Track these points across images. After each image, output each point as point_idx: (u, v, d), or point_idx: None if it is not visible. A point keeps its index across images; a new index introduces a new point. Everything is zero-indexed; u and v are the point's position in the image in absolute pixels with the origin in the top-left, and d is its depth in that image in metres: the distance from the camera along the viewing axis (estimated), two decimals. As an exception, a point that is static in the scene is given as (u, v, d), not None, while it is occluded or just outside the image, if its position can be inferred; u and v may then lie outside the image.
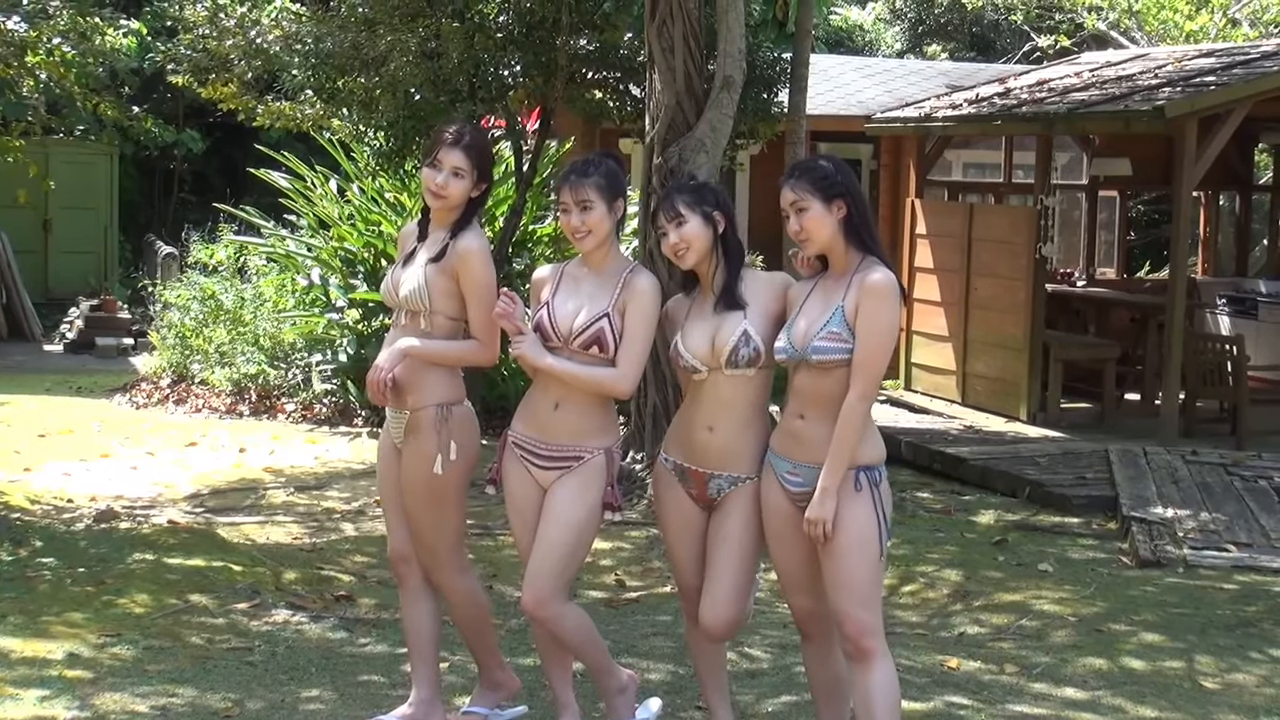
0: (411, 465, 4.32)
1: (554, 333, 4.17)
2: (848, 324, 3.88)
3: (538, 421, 4.22)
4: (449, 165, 4.29)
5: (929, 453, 10.15)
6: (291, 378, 11.95)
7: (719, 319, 4.11)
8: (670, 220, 4.15)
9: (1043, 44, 21.40)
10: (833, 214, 3.95)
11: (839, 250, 3.98)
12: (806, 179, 3.98)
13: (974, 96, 12.43)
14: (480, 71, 9.40)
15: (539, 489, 4.22)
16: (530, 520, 4.23)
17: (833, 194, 3.95)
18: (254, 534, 7.65)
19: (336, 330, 11.78)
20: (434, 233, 4.39)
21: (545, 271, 4.32)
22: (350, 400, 11.46)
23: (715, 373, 4.09)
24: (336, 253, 12.09)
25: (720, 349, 4.06)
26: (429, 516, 4.36)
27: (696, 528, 4.20)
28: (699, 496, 4.17)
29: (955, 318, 11.92)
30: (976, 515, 8.69)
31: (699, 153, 7.97)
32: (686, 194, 4.20)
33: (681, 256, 4.14)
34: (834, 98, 13.99)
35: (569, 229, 4.20)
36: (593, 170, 4.21)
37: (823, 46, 21.62)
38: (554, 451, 4.20)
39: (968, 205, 12.45)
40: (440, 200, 4.31)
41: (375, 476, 9.60)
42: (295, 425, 11.28)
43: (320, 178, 12.66)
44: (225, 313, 12.67)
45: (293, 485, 9.04)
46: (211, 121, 19.14)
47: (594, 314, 4.16)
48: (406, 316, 4.34)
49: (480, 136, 4.41)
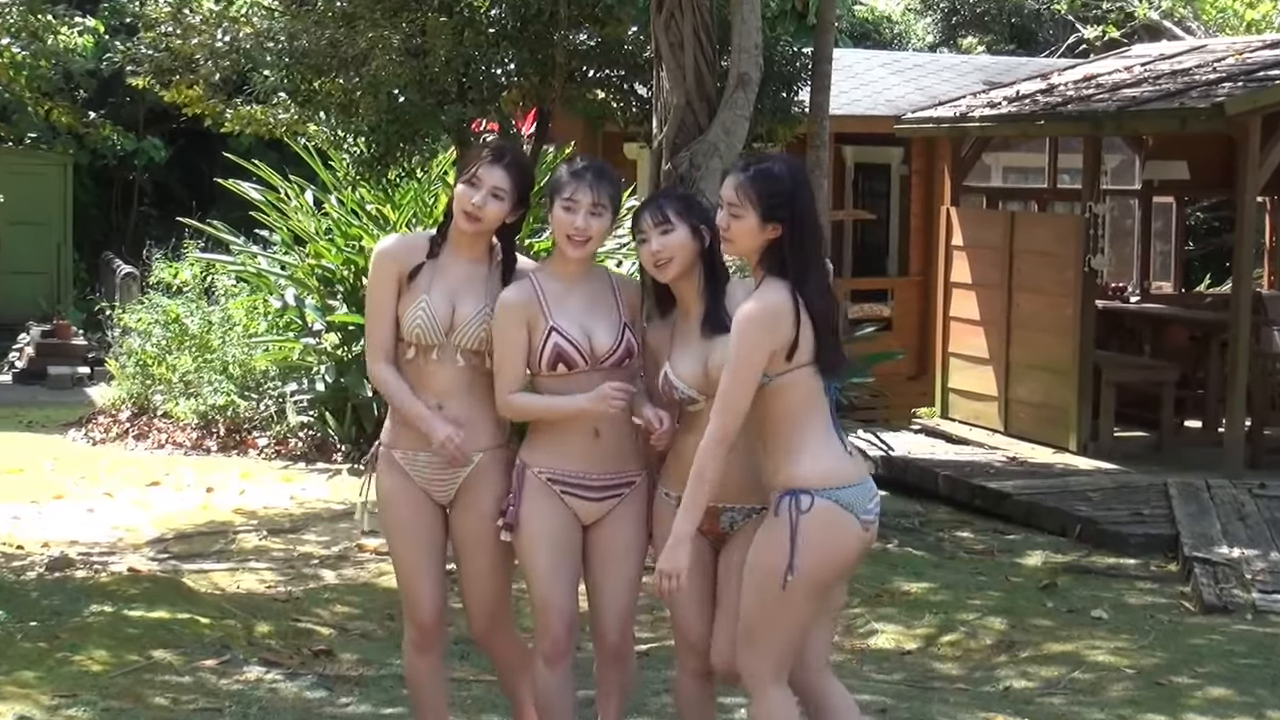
0: (478, 517, 4.36)
1: (582, 357, 4.24)
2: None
3: (578, 453, 4.29)
4: (488, 184, 4.29)
5: (969, 487, 10.12)
6: (264, 410, 11.96)
7: (708, 344, 4.16)
8: (655, 225, 4.19)
9: (1089, 35, 21.43)
10: (765, 233, 4.01)
11: (753, 265, 4.08)
12: (754, 187, 4.01)
13: (1014, 94, 12.44)
14: (470, 70, 9.42)
15: (578, 524, 4.32)
16: (572, 558, 4.31)
17: (773, 216, 4.00)
18: (223, 582, 7.63)
19: (313, 357, 11.79)
20: (454, 256, 4.37)
21: (521, 295, 4.30)
22: (329, 434, 11.47)
23: (713, 401, 4.12)
24: (313, 271, 12.10)
25: (716, 374, 4.09)
26: (497, 576, 4.43)
27: (704, 565, 4.24)
28: (709, 531, 4.22)
29: (996, 338, 11.91)
30: (1022, 556, 8.67)
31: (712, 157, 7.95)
32: (677, 201, 4.27)
33: (661, 267, 4.19)
34: (860, 96, 14.00)
35: (570, 229, 4.23)
36: (607, 176, 4.28)
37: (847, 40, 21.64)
38: (606, 480, 4.31)
39: (1008, 214, 12.45)
40: (474, 223, 4.31)
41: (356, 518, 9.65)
42: (268, 462, 11.28)
43: (295, 189, 12.68)
44: (191, 338, 12.68)
45: (266, 528, 9.02)
46: (175, 128, 19.19)
47: (613, 326, 4.27)
48: (464, 356, 4.33)
49: (523, 156, 4.46)
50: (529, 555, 4.32)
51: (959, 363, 12.39)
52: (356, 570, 7.94)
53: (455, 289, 4.35)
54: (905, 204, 14.08)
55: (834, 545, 3.97)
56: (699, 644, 4.28)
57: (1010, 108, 11.94)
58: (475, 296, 4.34)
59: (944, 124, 12.38)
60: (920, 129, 12.68)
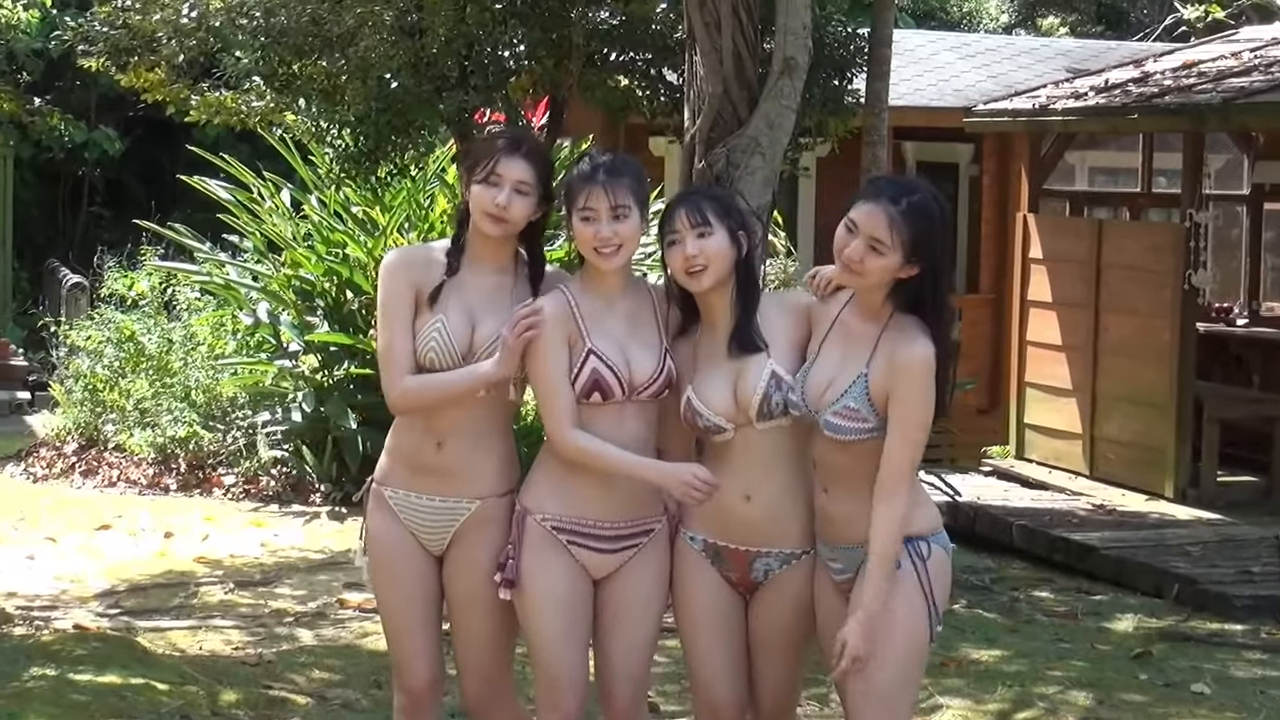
0: (473, 574, 4.37)
1: (621, 385, 4.24)
2: (870, 401, 4.08)
3: (589, 496, 4.29)
4: (511, 179, 4.30)
5: (1048, 539, 10.09)
6: (231, 443, 11.98)
7: (737, 364, 4.22)
8: (692, 227, 4.20)
9: (1190, 16, 21.40)
10: (900, 271, 4.10)
11: (869, 295, 4.16)
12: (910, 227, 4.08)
13: (1102, 83, 12.43)
14: (473, 52, 9.45)
15: (588, 580, 4.31)
16: (583, 620, 4.31)
17: (917, 258, 4.09)
18: (183, 643, 7.62)
19: (289, 382, 11.82)
20: (474, 268, 4.38)
21: (559, 307, 4.29)
22: (306, 471, 11.49)
23: (744, 429, 4.21)
24: (289, 283, 12.14)
25: (746, 400, 4.17)
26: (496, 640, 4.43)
27: (733, 620, 4.31)
28: (740, 581, 4.28)
29: (1081, 366, 11.89)
30: (1111, 620, 8.63)
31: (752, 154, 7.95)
32: (715, 201, 4.30)
33: (696, 275, 4.21)
34: (924, 85, 14.01)
35: (594, 241, 4.23)
36: (624, 169, 4.28)
37: (909, 20, 21.68)
38: (622, 529, 4.31)
39: (1095, 222, 12.42)
40: (500, 225, 4.31)
41: (336, 568, 9.76)
42: (236, 503, 11.30)
43: (269, 187, 12.73)
44: (148, 359, 12.71)
45: (233, 580, 9.03)
46: (132, 116, 19.25)
47: (653, 349, 4.28)
48: (484, 384, 4.33)
49: (537, 140, 4.49)
50: (533, 618, 4.31)
51: (1037, 394, 12.36)
52: (337, 630, 7.94)
53: (475, 305, 4.35)
54: (975, 210, 14.06)
55: (948, 585, 4.18)
56: (722, 710, 4.32)
57: (1098, 99, 11.93)
58: (499, 312, 4.32)
59: (1020, 117, 12.37)
60: (993, 123, 12.66)
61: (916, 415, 4.07)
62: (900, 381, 4.05)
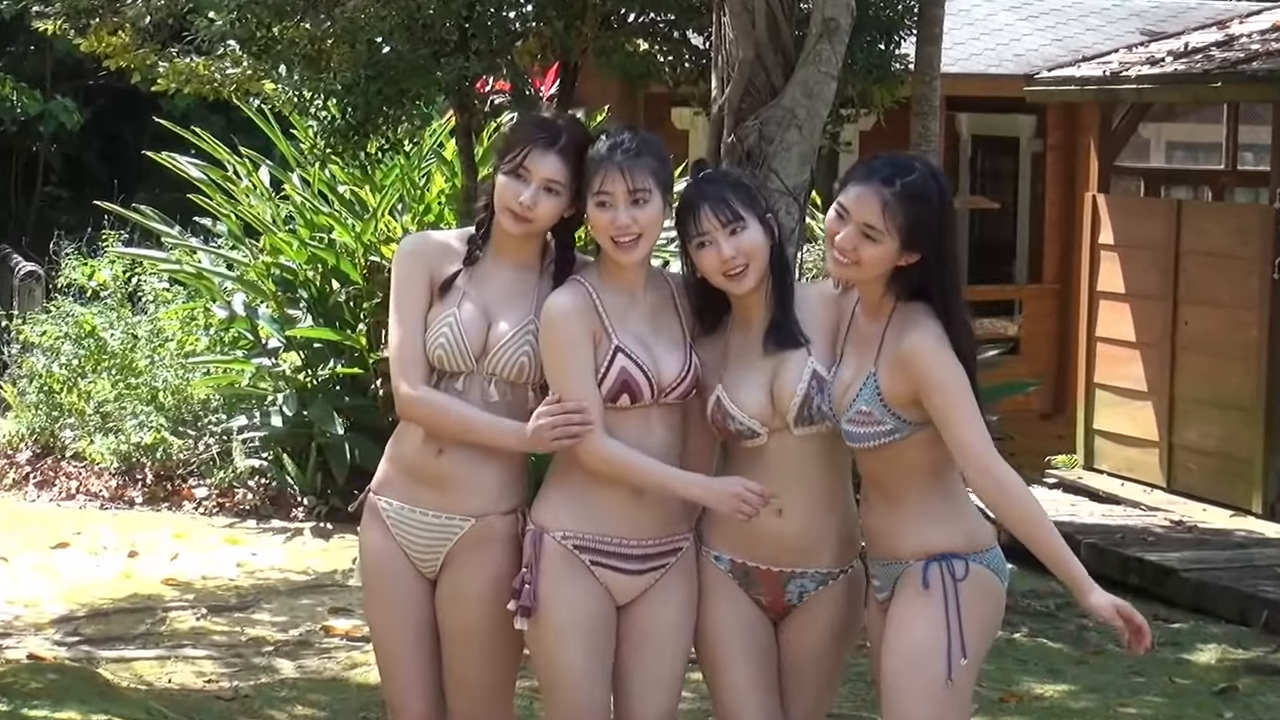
0: (467, 603, 4.37)
1: (651, 387, 4.25)
2: (883, 402, 4.11)
3: (616, 511, 4.29)
4: (540, 177, 4.30)
5: (1120, 560, 10.07)
6: (203, 450, 11.98)
7: (774, 361, 4.25)
8: (723, 225, 4.21)
9: (1280, -29, 21.35)
10: (897, 259, 4.12)
11: (870, 286, 4.19)
12: (904, 212, 4.08)
13: (1181, 47, 12.40)
14: (475, 13, 9.44)
15: (612, 604, 4.31)
16: (607, 652, 4.30)
17: (916, 245, 4.11)
18: (150, 674, 7.63)
19: (268, 382, 11.83)
20: (496, 261, 4.41)
21: (579, 299, 4.30)
22: (287, 483, 11.50)
23: (779, 434, 4.24)
24: (268, 271, 12.14)
25: (784, 402, 4.20)
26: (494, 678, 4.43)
27: (764, 647, 4.34)
28: (772, 605, 4.32)
29: (1157, 366, 11.88)
30: (1191, 651, 8.62)
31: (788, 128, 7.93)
32: (739, 189, 4.31)
33: (737, 276, 4.23)
34: (980, 49, 14.00)
35: (612, 229, 4.24)
36: (644, 149, 4.27)
37: (963, -24, 21.63)
38: (650, 548, 4.31)
39: (1173, 203, 12.39)
40: (522, 225, 4.33)
41: (321, 591, 9.75)
42: (208, 518, 11.30)
43: (246, 165, 12.72)
44: (110, 357, 12.73)
45: (205, 604, 9.03)
46: (93, 85, 19.28)
47: (678, 347, 4.29)
48: (498, 388, 4.35)
49: (581, 132, 4.42)
50: (552, 650, 4.29)
51: (1108, 397, 12.34)
52: (322, 660, 7.94)
53: (493, 300, 4.37)
54: (1038, 190, 14.05)
55: (992, 619, 4.19)
56: None
57: (1176, 65, 11.90)
58: (518, 310, 4.35)
59: (1089, 86, 12.34)
60: (1058, 92, 12.64)
61: (952, 385, 4.07)
62: (913, 368, 4.07)
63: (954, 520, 4.16)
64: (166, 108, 15.33)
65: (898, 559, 4.18)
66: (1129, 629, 4.07)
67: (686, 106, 11.29)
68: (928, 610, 4.09)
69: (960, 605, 4.08)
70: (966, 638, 4.08)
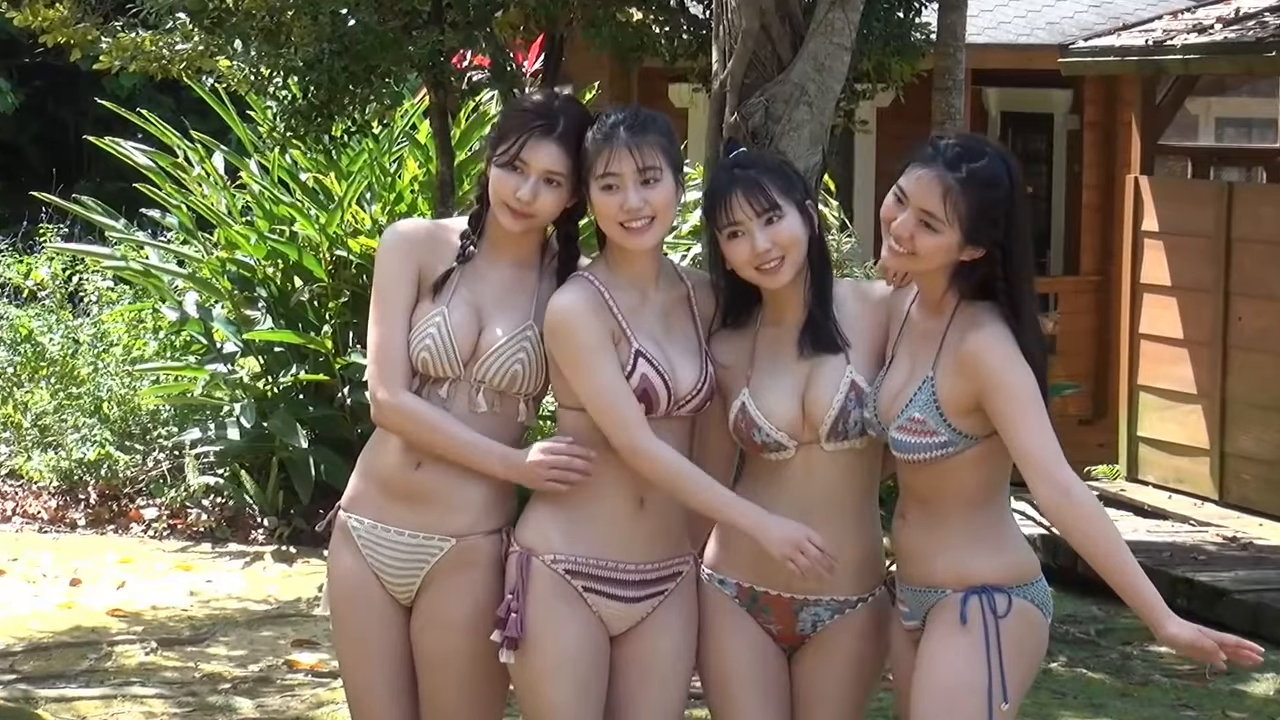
0: (445, 632, 4.35)
1: (669, 397, 4.25)
2: (939, 410, 4.09)
3: (613, 533, 4.30)
4: (539, 168, 4.30)
5: (1169, 580, 10.04)
6: (153, 467, 11.97)
7: (808, 365, 4.25)
8: (758, 214, 4.20)
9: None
10: (961, 253, 4.12)
11: (935, 275, 4.17)
12: (969, 200, 4.07)
13: (1232, 13, 12.39)
14: (450, -19, 9.45)
15: (605, 635, 4.31)
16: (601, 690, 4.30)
17: (981, 239, 4.10)
18: (95, 715, 7.62)
19: (224, 391, 11.82)
20: (491, 258, 4.40)
21: (591, 297, 4.28)
22: (245, 502, 11.48)
23: (808, 449, 4.24)
24: (224, 268, 12.13)
25: (818, 413, 4.21)
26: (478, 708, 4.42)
27: (775, 680, 4.36)
28: (783, 634, 4.34)
29: (1207, 366, 11.88)
30: (1247, 682, 8.61)
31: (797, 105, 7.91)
32: (776, 174, 4.29)
33: (772, 270, 4.22)
34: (1009, 16, 14.02)
35: (621, 214, 4.23)
36: (649, 124, 4.27)
37: (989, -63, 21.67)
38: (648, 573, 4.32)
39: (1224, 186, 12.37)
40: (521, 221, 4.33)
41: (283, 622, 9.72)
42: (159, 542, 11.27)
43: (198, 151, 12.70)
44: (49, 364, 12.72)
45: (155, 637, 9.00)
46: (28, 64, 19.29)
47: (693, 353, 4.29)
48: (486, 397, 4.34)
49: (578, 112, 4.41)
50: (541, 688, 4.28)
51: (1154, 401, 12.34)
52: (285, 698, 7.93)
53: (486, 301, 4.37)
54: (1074, 172, 14.05)
55: (1035, 658, 4.19)
56: None
57: (1227, 33, 11.88)
58: (514, 313, 4.35)
59: (1130, 56, 12.32)
60: (1096, 64, 12.62)
61: (1018, 389, 4.04)
62: (977, 370, 4.05)
63: (999, 550, 4.16)
64: (110, 88, 15.36)
65: (932, 586, 4.18)
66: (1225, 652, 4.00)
67: (685, 82, 11.26)
68: (966, 648, 4.09)
69: (1002, 644, 4.08)
70: (1008, 679, 4.08)
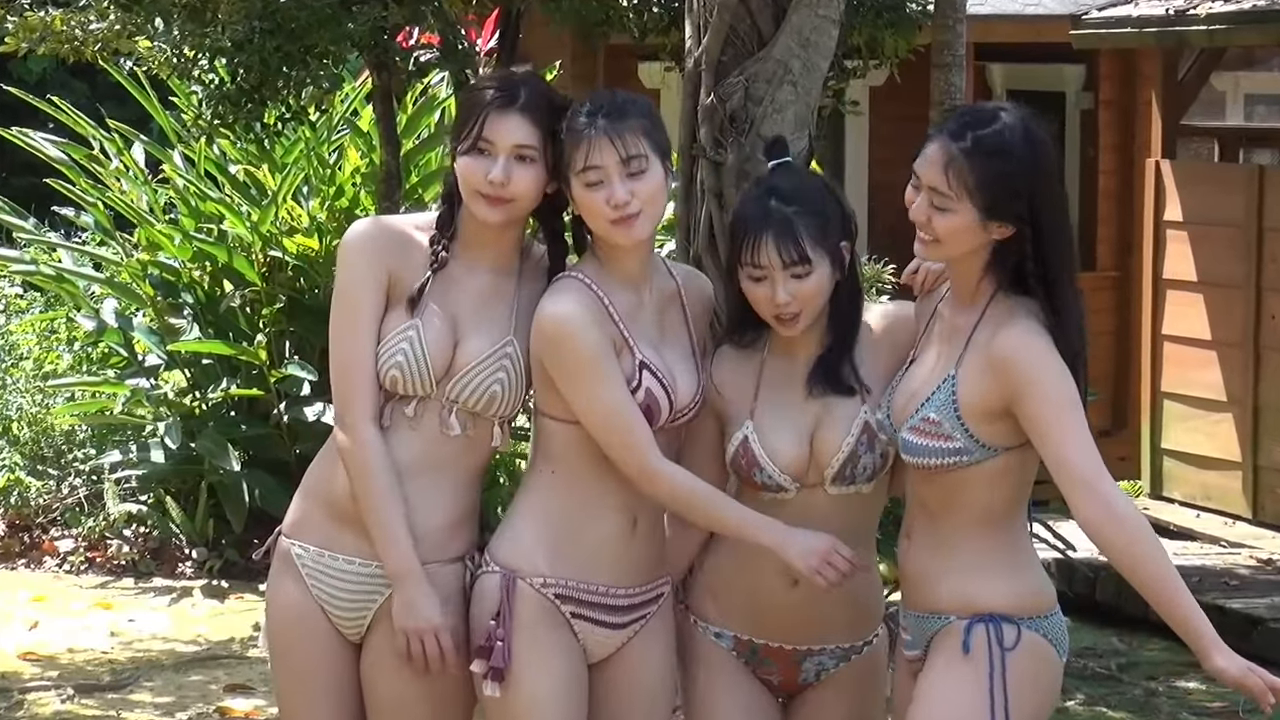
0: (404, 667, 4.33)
1: (671, 409, 4.28)
2: (958, 413, 4.08)
3: (604, 554, 4.33)
4: (506, 144, 4.29)
5: (1198, 609, 10.06)
6: (68, 493, 11.98)
7: (819, 405, 4.30)
8: (785, 266, 4.20)
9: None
10: (987, 232, 4.11)
11: (967, 263, 4.16)
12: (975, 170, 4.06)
13: (1261, -21, 12.42)
14: (393, -50, 9.43)
15: (585, 665, 4.34)
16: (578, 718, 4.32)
17: (1001, 213, 4.07)
18: (3, 771, 7.62)
19: (146, 409, 11.82)
20: (466, 262, 4.38)
21: (589, 302, 4.28)
22: (171, 532, 11.48)
23: (811, 491, 4.29)
24: (145, 271, 12.14)
25: (826, 456, 4.27)
26: None
27: None
28: (785, 684, 4.41)
29: (1238, 369, 11.94)
30: (1284, 721, 8.62)
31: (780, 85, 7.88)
32: (817, 217, 4.27)
33: (789, 321, 4.24)
34: (1015, -15, 14.01)
35: (604, 211, 4.23)
36: (629, 109, 4.28)
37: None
38: (636, 596, 4.38)
39: (1255, 169, 12.41)
40: (500, 208, 4.31)
41: (215, 665, 9.71)
42: (75, 577, 11.30)
43: (116, 142, 12.71)
44: (-49, 380, 12.70)
45: (72, 684, 9.03)
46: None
47: (688, 360, 4.35)
48: (460, 419, 4.33)
49: (540, 84, 4.43)
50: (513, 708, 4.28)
51: (1178, 409, 12.39)
52: (216, 752, 7.92)
53: (462, 313, 4.35)
54: (1088, 155, 14.08)
55: (1045, 699, 4.19)
56: None
57: (1256, 1, 11.88)
58: (491, 326, 4.35)
59: (1150, 28, 12.35)
60: (1112, 36, 12.66)
61: (1054, 392, 4.02)
62: (1007, 370, 4.03)
63: (1011, 577, 4.16)
64: (17, 72, 15.34)
65: (936, 611, 4.19)
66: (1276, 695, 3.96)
67: (656, 61, 11.28)
68: (967, 680, 4.09)
69: (1007, 680, 4.06)
70: (1013, 719, 4.07)
